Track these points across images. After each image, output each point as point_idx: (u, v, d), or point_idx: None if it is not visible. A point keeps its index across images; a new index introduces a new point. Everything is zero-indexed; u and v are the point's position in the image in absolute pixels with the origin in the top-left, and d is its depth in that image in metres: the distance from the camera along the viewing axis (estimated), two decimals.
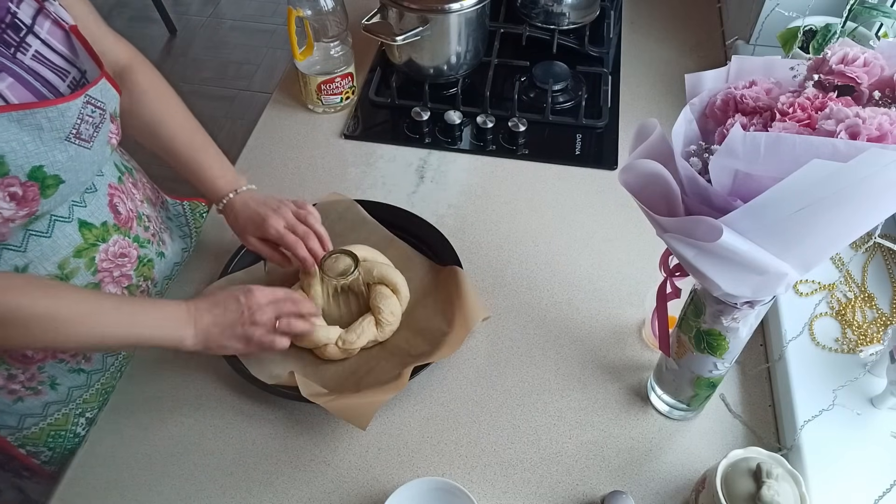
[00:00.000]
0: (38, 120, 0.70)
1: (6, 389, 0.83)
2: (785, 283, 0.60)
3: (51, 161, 0.72)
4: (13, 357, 0.81)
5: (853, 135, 0.52)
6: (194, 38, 3.02)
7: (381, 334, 0.91)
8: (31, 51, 0.74)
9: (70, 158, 0.74)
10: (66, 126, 0.73)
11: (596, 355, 0.91)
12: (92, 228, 0.82)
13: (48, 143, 0.71)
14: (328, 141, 1.19)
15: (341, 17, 1.15)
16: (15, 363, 0.82)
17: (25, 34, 0.75)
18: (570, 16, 1.33)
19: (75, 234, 0.81)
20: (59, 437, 0.89)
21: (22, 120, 0.69)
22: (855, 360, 0.85)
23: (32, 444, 0.88)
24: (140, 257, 0.90)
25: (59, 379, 0.85)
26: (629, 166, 0.60)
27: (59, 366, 0.85)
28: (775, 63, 0.63)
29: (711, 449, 0.83)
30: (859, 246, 0.95)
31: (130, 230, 0.88)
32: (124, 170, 0.91)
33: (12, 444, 0.87)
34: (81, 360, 0.86)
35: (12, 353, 0.81)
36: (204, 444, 0.84)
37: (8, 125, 0.68)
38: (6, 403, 0.84)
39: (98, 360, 0.88)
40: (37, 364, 0.83)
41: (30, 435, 0.87)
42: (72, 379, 0.86)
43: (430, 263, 0.98)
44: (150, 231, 0.92)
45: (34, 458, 0.89)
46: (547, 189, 1.11)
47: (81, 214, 0.81)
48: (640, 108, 1.23)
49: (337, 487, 0.81)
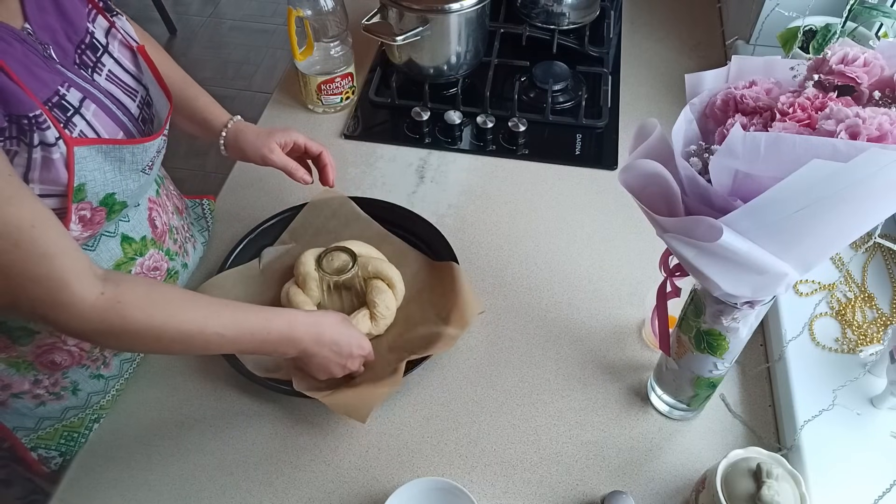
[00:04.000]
0: (123, 154, 0.73)
1: (31, 394, 0.83)
2: (785, 283, 0.60)
3: (122, 189, 0.74)
4: (42, 364, 0.82)
5: (853, 135, 0.52)
6: (194, 38, 3.02)
7: (375, 328, 0.91)
8: (105, 70, 0.76)
9: (140, 187, 0.77)
10: (145, 160, 0.77)
11: (596, 355, 0.91)
12: (132, 243, 0.83)
13: (125, 173, 0.74)
14: (328, 141, 1.19)
15: (341, 17, 1.15)
16: (43, 369, 0.82)
17: (101, 54, 0.76)
18: (570, 16, 1.33)
19: (117, 248, 0.81)
20: (72, 439, 0.89)
21: (109, 153, 0.71)
22: (855, 360, 0.85)
23: (45, 447, 0.89)
24: (169, 269, 0.90)
25: (80, 385, 0.86)
26: (629, 166, 0.61)
27: (81, 371, 0.85)
28: (775, 63, 0.63)
29: (711, 449, 0.83)
30: (859, 246, 0.95)
31: (164, 244, 0.89)
32: (159, 181, 0.92)
33: (25, 446, 0.87)
34: (101, 366, 0.87)
35: (43, 359, 0.81)
36: (204, 444, 0.84)
37: (95, 156, 0.70)
38: (29, 407, 0.84)
39: (116, 367, 0.89)
40: (62, 370, 0.83)
41: (44, 435, 0.88)
42: (91, 385, 0.87)
43: (425, 258, 0.99)
44: (178, 243, 0.93)
45: (45, 464, 0.89)
46: (547, 189, 1.11)
47: (125, 229, 0.82)
48: (640, 108, 1.23)
49: (337, 487, 0.81)
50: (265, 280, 0.97)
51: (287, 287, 0.93)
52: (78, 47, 0.74)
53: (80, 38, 0.74)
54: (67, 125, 0.68)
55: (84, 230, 0.73)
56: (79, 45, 0.74)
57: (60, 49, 0.72)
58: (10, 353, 0.79)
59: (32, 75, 0.66)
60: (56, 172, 0.67)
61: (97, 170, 0.70)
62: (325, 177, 0.97)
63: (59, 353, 0.82)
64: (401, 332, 0.92)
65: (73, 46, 0.73)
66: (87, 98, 0.71)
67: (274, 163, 0.93)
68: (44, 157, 0.66)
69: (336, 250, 0.90)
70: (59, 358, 0.82)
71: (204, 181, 2.36)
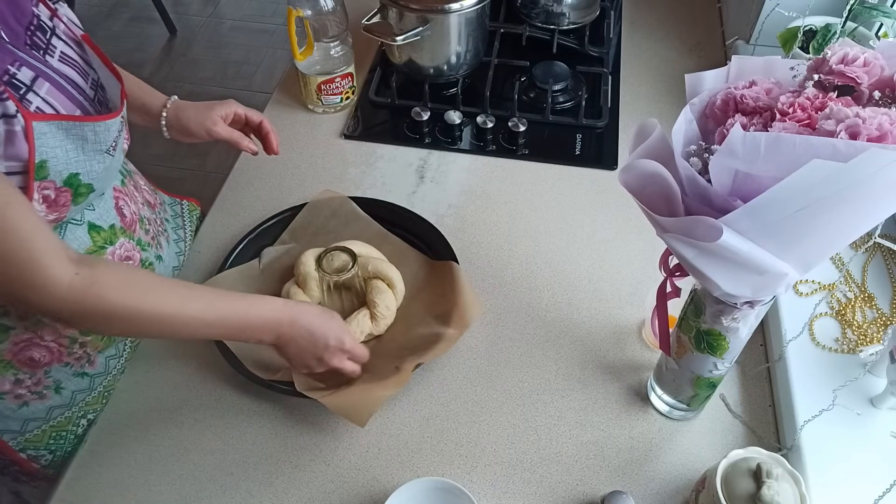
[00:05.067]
0: (85, 132, 0.72)
1: (13, 394, 0.83)
2: (785, 283, 0.60)
3: (87, 170, 0.74)
4: (21, 361, 0.81)
5: (853, 135, 0.52)
6: (194, 38, 3.02)
7: (376, 328, 0.91)
8: (58, 52, 0.76)
9: (105, 169, 0.77)
10: (108, 140, 0.76)
11: (596, 355, 0.91)
12: (101, 231, 0.83)
13: (89, 153, 0.74)
14: (328, 141, 1.19)
15: (341, 17, 1.15)
16: (23, 367, 0.82)
17: (50, 36, 0.76)
18: (570, 16, 1.33)
19: (85, 236, 0.80)
20: (61, 438, 0.89)
21: (69, 130, 0.71)
22: (855, 360, 0.85)
23: (34, 448, 0.88)
24: (142, 260, 0.90)
25: (63, 383, 0.85)
26: (629, 166, 0.61)
27: (64, 370, 0.84)
28: (775, 63, 0.63)
29: (711, 449, 0.83)
30: (859, 246, 0.95)
31: (134, 233, 0.88)
32: (126, 173, 0.92)
33: (13, 449, 0.87)
34: (85, 364, 0.86)
35: (21, 357, 0.81)
36: (204, 444, 0.84)
37: (56, 132, 0.70)
38: (11, 409, 0.84)
39: (101, 364, 0.88)
40: (43, 368, 0.83)
41: (32, 438, 0.87)
42: (76, 383, 0.86)
43: (425, 258, 0.99)
44: (150, 234, 0.92)
45: (34, 461, 0.89)
46: (547, 189, 1.11)
47: (91, 217, 0.81)
48: (640, 108, 1.23)
49: (337, 487, 0.81)
50: (265, 280, 0.97)
51: (287, 287, 0.93)
52: (27, 29, 0.74)
53: (28, 20, 0.74)
54: (22, 101, 0.68)
55: (49, 212, 0.72)
56: (27, 26, 0.74)
57: (10, 30, 0.72)
58: None
59: None
60: (19, 147, 0.66)
61: (59, 147, 0.70)
62: (269, 144, 1.00)
63: (38, 350, 0.81)
64: (401, 332, 0.92)
65: (22, 28, 0.73)
66: (39, 77, 0.71)
67: (219, 134, 0.96)
68: (7, 130, 0.65)
69: (336, 250, 0.90)
70: (37, 354, 0.81)
71: (204, 181, 2.35)
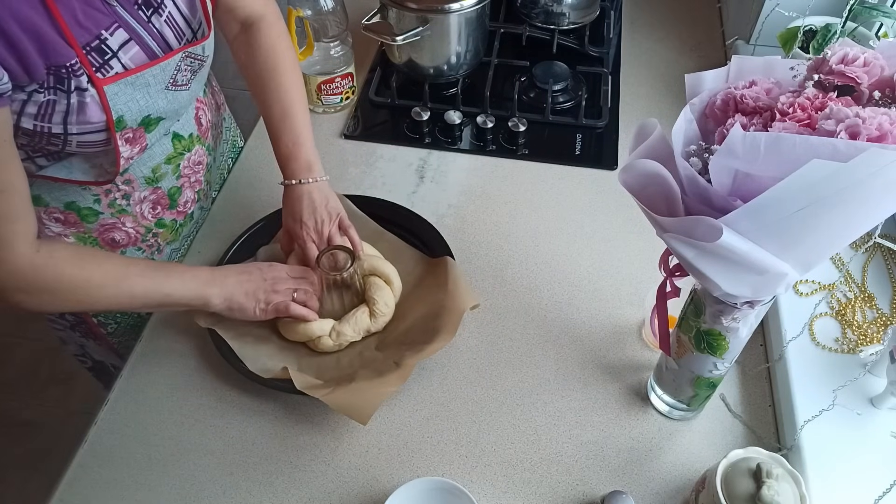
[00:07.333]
0: (147, 78, 0.79)
1: None
2: (785, 283, 0.60)
3: (155, 108, 0.82)
4: (104, 241, 0.93)
5: (853, 135, 0.52)
6: None
7: (374, 325, 0.91)
8: (165, 13, 0.80)
9: (169, 102, 0.83)
10: (165, 78, 0.81)
11: (596, 355, 0.91)
12: (182, 139, 0.93)
13: (153, 95, 0.81)
14: (328, 141, 1.19)
15: (341, 17, 1.15)
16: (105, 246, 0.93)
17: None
18: (570, 16, 1.33)
19: (168, 144, 0.91)
20: (126, 313, 1.01)
21: (135, 81, 0.77)
22: (855, 360, 0.85)
23: (104, 315, 1.01)
24: (207, 164, 1.01)
25: None
26: (629, 166, 0.61)
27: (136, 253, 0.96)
28: (775, 63, 0.63)
29: (711, 449, 0.83)
30: (859, 246, 0.95)
31: (206, 139, 0.99)
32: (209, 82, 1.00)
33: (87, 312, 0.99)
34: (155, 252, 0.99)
35: (105, 237, 0.93)
36: (204, 444, 0.84)
37: (125, 88, 0.76)
38: None
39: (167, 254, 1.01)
40: (120, 249, 0.95)
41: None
42: None
43: (421, 255, 0.99)
44: (215, 139, 1.03)
45: (102, 328, 1.02)
46: (547, 189, 1.11)
47: (175, 127, 0.92)
48: (640, 108, 1.23)
49: (337, 487, 0.81)
50: None
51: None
52: None
53: None
54: (102, 68, 0.74)
55: (132, 147, 0.82)
56: None
57: None
58: (79, 230, 0.91)
59: (76, 20, 0.71)
60: (91, 113, 0.74)
61: (130, 101, 0.77)
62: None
63: (118, 232, 0.93)
64: (399, 329, 0.92)
65: None
66: (132, 39, 0.76)
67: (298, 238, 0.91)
68: (79, 101, 0.73)
69: (335, 249, 0.90)
70: (118, 236, 0.93)
71: None
